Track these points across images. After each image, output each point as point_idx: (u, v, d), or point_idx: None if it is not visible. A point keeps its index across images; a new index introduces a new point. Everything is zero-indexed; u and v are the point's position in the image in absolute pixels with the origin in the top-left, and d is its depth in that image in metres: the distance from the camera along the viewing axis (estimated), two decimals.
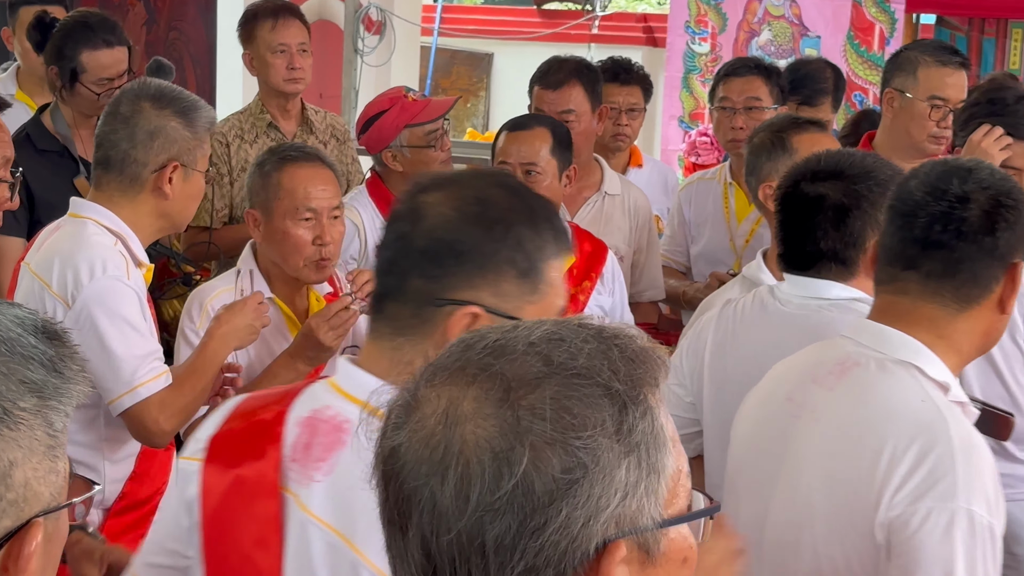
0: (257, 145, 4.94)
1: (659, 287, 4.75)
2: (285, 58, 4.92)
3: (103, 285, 3.11)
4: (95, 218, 3.21)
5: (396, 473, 1.25)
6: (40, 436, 1.28)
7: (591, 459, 1.20)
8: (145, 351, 3.16)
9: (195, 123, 3.24)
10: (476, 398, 1.22)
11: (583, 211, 4.64)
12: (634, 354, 1.26)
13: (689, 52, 8.00)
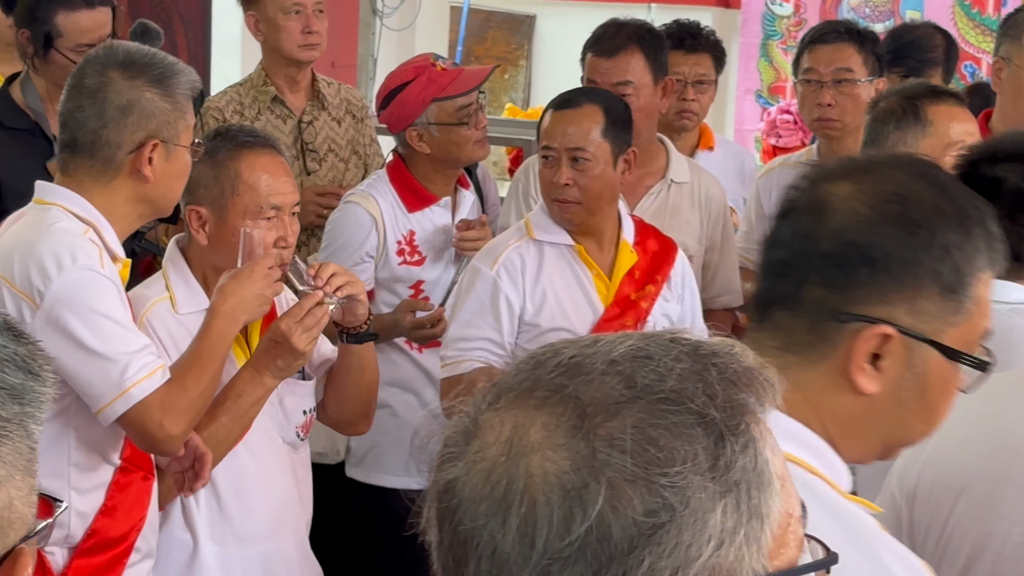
0: (259, 122, 4.94)
1: (735, 291, 4.72)
2: (300, 20, 4.92)
3: (74, 277, 3.09)
4: (62, 204, 3.20)
5: (452, 512, 1.23)
6: (22, 448, 1.28)
7: (679, 500, 1.18)
8: (133, 346, 3.14)
9: (174, 91, 3.23)
10: (545, 425, 1.20)
11: (645, 202, 4.62)
12: (736, 376, 1.24)
13: (768, 15, 7.98)
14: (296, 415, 3.59)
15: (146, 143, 3.20)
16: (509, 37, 10.82)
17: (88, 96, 3.21)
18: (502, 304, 3.95)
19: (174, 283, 3.51)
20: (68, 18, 4.45)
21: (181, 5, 6.78)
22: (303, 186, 4.93)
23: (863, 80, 4.73)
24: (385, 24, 7.85)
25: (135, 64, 3.22)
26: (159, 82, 3.22)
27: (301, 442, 3.62)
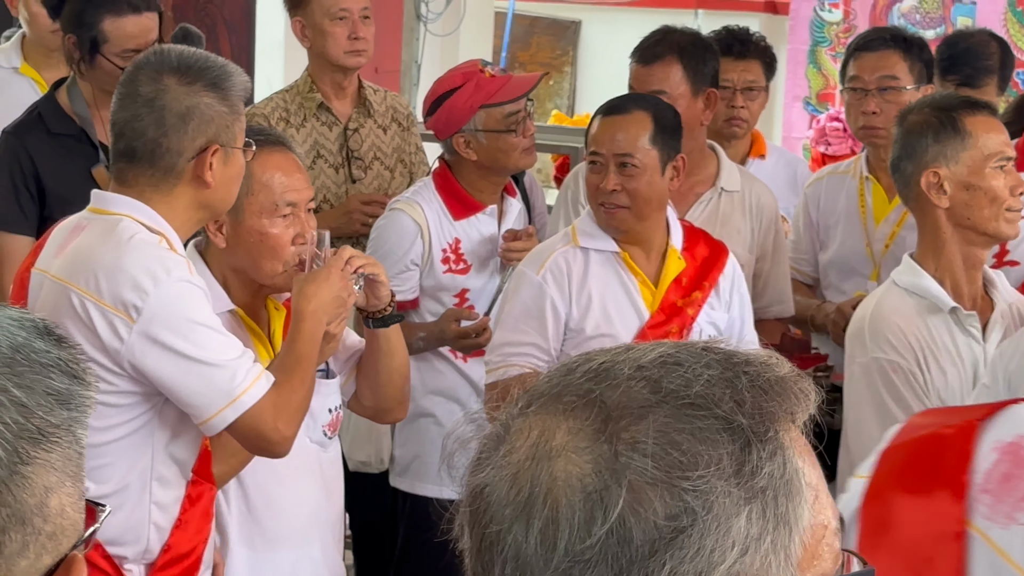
0: (305, 129, 4.94)
1: (787, 301, 4.69)
2: (346, 26, 4.92)
3: (171, 290, 3.10)
4: (130, 214, 3.18)
5: (480, 516, 1.24)
6: (71, 455, 1.28)
7: (701, 504, 1.18)
8: (234, 352, 3.16)
9: (229, 93, 3.22)
10: (571, 430, 1.21)
11: (695, 210, 4.59)
12: (768, 384, 1.24)
13: (817, 20, 7.93)
14: (322, 414, 3.58)
15: (207, 149, 3.18)
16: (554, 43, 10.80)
17: (145, 104, 3.19)
18: (548, 309, 3.93)
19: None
20: (115, 24, 4.45)
21: (225, 10, 6.78)
22: (348, 194, 4.92)
23: (909, 87, 4.70)
24: (429, 30, 7.82)
25: (190, 69, 3.21)
26: (215, 86, 3.20)
27: (329, 440, 3.61)
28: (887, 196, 4.74)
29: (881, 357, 3.58)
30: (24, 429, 1.25)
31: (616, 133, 3.92)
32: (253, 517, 3.53)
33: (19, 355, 1.28)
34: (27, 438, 1.25)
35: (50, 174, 4.39)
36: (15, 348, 1.28)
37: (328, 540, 3.64)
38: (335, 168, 4.97)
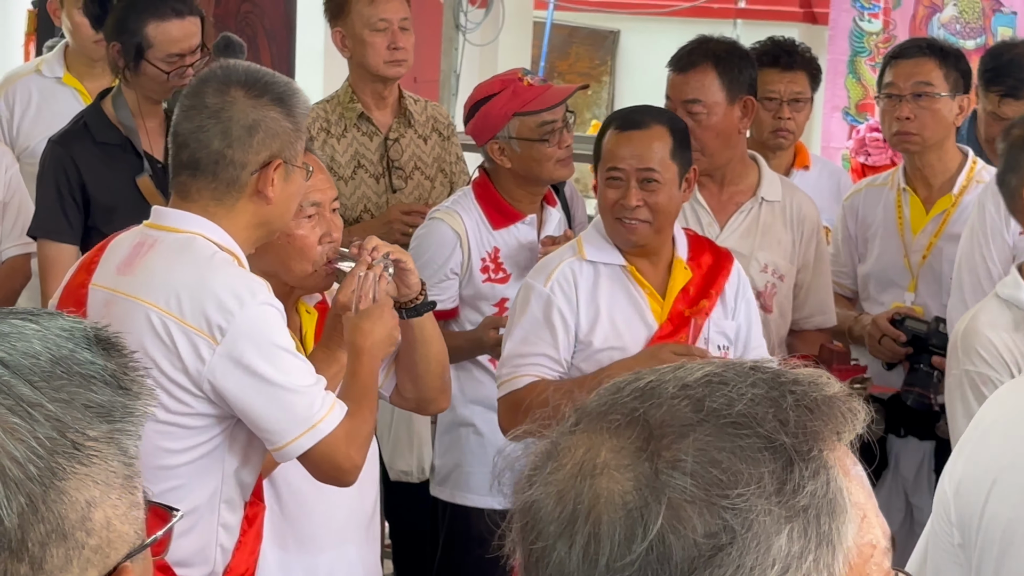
0: (345, 139, 4.96)
1: (829, 312, 4.69)
2: (386, 36, 4.94)
3: (256, 313, 3.10)
4: (202, 232, 3.18)
5: (528, 532, 1.25)
6: (116, 467, 1.28)
7: (740, 522, 1.18)
8: (311, 379, 3.17)
9: (294, 110, 3.22)
10: (615, 448, 1.23)
11: (735, 220, 4.59)
12: (814, 403, 1.24)
13: (856, 31, 7.92)
14: None
15: (271, 163, 3.17)
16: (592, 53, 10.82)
17: (212, 115, 3.17)
18: (557, 320, 3.93)
19: None
20: (158, 28, 4.47)
21: (266, 20, 6.82)
22: (388, 204, 4.94)
23: (943, 94, 4.69)
24: (468, 39, 7.84)
25: (258, 83, 3.20)
26: (282, 101, 3.20)
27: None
28: (924, 207, 4.75)
29: (971, 370, 3.57)
30: (59, 444, 1.25)
31: (636, 149, 3.88)
32: (286, 518, 3.52)
33: (59, 368, 1.28)
34: (63, 453, 1.25)
35: (95, 183, 4.41)
36: (56, 361, 1.28)
37: (363, 541, 3.64)
38: (376, 178, 4.99)
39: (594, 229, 4.04)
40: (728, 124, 4.48)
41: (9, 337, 1.30)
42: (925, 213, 4.71)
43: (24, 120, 5.31)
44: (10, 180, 5.05)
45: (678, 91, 4.50)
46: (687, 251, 4.02)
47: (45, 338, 1.30)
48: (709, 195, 4.59)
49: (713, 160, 4.51)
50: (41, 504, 1.23)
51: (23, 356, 1.28)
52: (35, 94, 5.31)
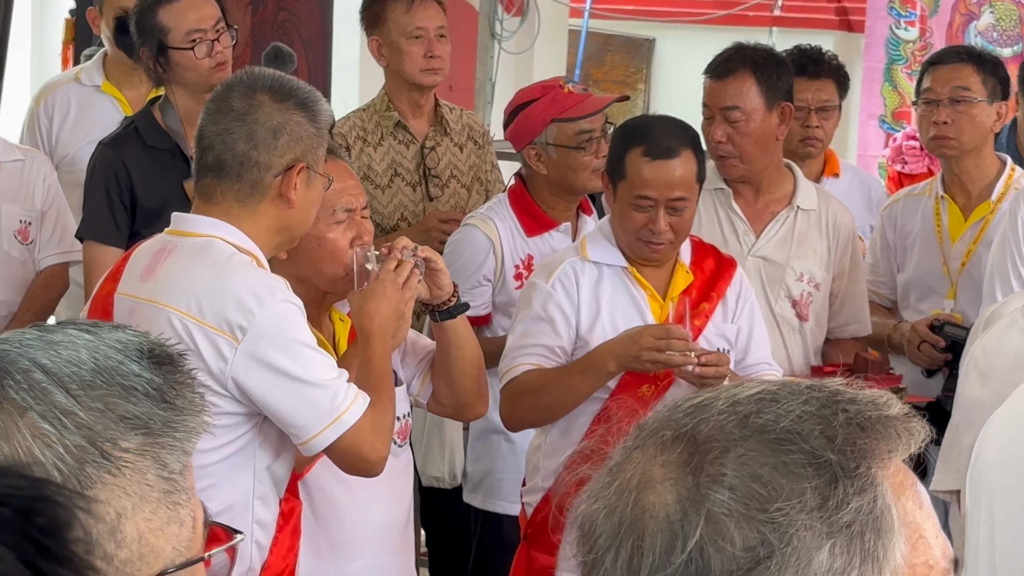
0: (382, 148, 4.98)
1: (864, 321, 4.69)
2: (422, 45, 4.95)
3: (276, 311, 3.12)
4: (220, 235, 3.19)
5: (583, 543, 1.28)
6: (152, 480, 1.28)
7: (779, 536, 1.19)
8: (333, 372, 3.19)
9: (318, 117, 3.25)
10: (665, 462, 1.25)
11: (771, 228, 4.59)
12: (867, 422, 1.24)
13: (893, 39, 7.91)
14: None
15: (294, 166, 3.20)
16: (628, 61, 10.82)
17: (237, 118, 3.19)
18: (556, 313, 3.95)
19: None
20: (167, 12, 4.52)
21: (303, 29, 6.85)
22: (425, 212, 4.96)
23: (981, 100, 4.70)
24: (503, 48, 7.87)
25: (283, 87, 3.23)
26: (306, 107, 3.23)
27: (400, 448, 3.61)
28: (963, 215, 4.75)
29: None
30: (88, 453, 1.26)
31: (670, 178, 3.86)
32: (319, 524, 3.53)
33: (100, 377, 1.29)
34: (91, 462, 1.26)
35: (144, 187, 4.43)
36: (98, 370, 1.29)
37: (398, 549, 3.64)
38: (412, 186, 5.00)
39: (598, 231, 4.06)
40: (766, 130, 4.49)
41: (59, 345, 1.31)
42: (963, 220, 4.71)
43: (63, 128, 5.35)
44: (48, 189, 5.08)
45: (716, 98, 4.50)
46: (690, 256, 4.04)
47: (95, 348, 1.31)
48: (745, 204, 4.60)
49: (751, 167, 4.52)
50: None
51: (66, 364, 1.29)
52: (74, 102, 5.35)
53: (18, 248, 5.06)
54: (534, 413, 3.94)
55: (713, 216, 4.60)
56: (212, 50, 4.51)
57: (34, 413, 1.27)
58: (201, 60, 4.51)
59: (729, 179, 4.57)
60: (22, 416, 1.27)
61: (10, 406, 1.28)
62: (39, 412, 1.27)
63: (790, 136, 4.99)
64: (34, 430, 1.26)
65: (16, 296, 5.04)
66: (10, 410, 1.27)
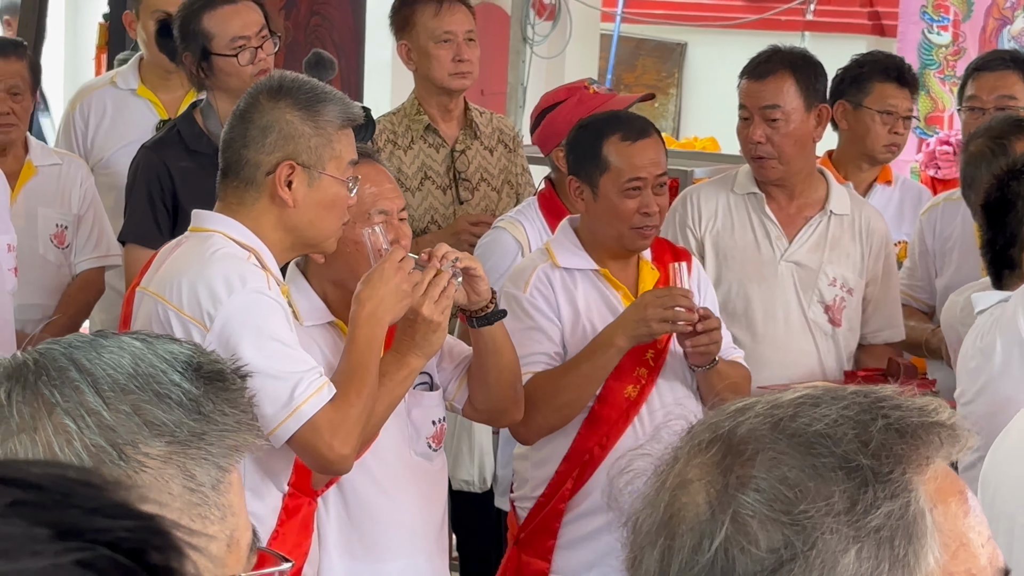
0: (412, 151, 4.99)
1: (897, 326, 4.68)
2: (450, 48, 4.96)
3: (244, 299, 3.13)
4: (222, 230, 3.24)
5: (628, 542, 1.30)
6: (175, 489, 1.30)
7: (803, 539, 1.20)
8: (302, 367, 3.16)
9: (319, 117, 3.23)
10: (701, 464, 1.27)
11: (803, 233, 4.59)
12: (907, 428, 1.24)
13: (925, 43, 7.90)
14: (425, 426, 3.60)
15: (282, 164, 3.21)
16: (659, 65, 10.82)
17: (238, 119, 3.27)
18: (543, 320, 3.96)
19: (296, 299, 3.52)
20: (212, 18, 4.54)
21: (335, 33, 6.87)
22: (456, 215, 4.97)
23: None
24: (535, 52, 7.87)
25: (282, 88, 3.26)
26: (304, 106, 3.23)
27: (434, 452, 3.62)
28: None
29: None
30: (105, 453, 1.28)
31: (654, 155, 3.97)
32: (353, 525, 3.54)
33: (135, 382, 1.31)
34: (108, 462, 1.28)
35: (186, 191, 4.43)
36: (135, 375, 1.31)
37: (433, 551, 3.64)
38: (443, 189, 5.01)
39: (562, 235, 4.09)
40: (804, 132, 4.50)
41: (105, 349, 1.33)
42: None
43: (99, 132, 5.37)
44: (85, 193, 5.11)
45: (755, 98, 4.51)
46: (651, 252, 4.06)
47: (141, 356, 1.33)
48: (777, 208, 4.60)
49: (789, 168, 4.53)
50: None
51: (105, 366, 1.31)
52: (110, 106, 5.37)
53: (54, 252, 5.10)
54: (552, 416, 3.91)
55: (746, 220, 4.60)
56: (255, 57, 4.53)
57: (60, 410, 1.29)
58: (244, 67, 4.53)
59: (765, 181, 4.57)
60: (50, 412, 1.30)
61: (40, 401, 1.30)
62: (65, 409, 1.29)
63: (876, 140, 5.02)
64: (58, 426, 1.29)
65: (52, 300, 5.07)
66: (39, 405, 1.30)
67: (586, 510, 3.97)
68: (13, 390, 1.31)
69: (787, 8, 10.08)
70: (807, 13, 10.16)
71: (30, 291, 4.95)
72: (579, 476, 3.98)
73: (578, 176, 4.02)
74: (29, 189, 4.95)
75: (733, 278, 4.51)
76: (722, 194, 4.66)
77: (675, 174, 5.62)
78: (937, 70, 7.93)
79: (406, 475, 3.56)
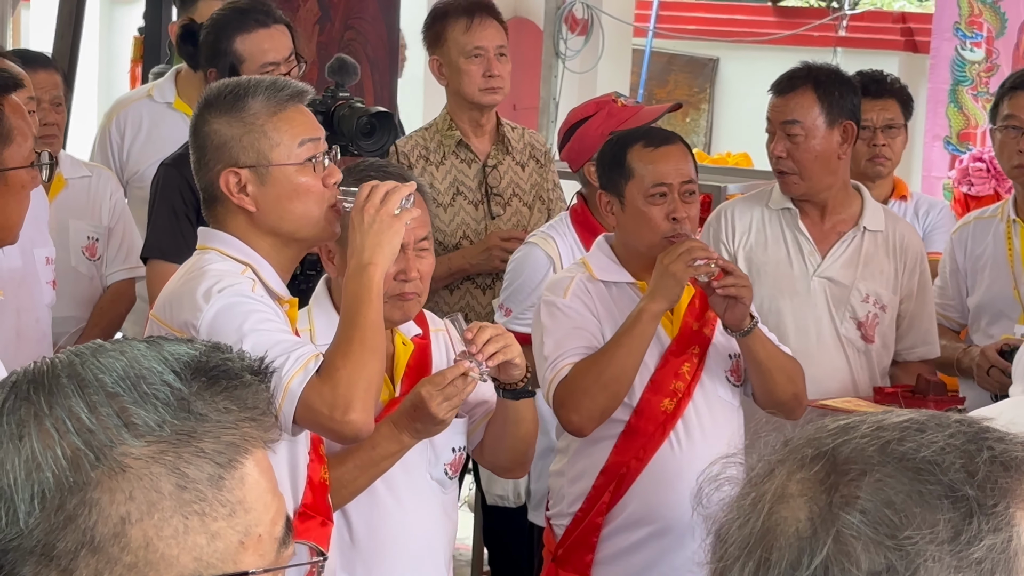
0: (444, 167, 5.00)
1: (932, 343, 4.68)
2: (481, 64, 4.97)
3: (222, 304, 3.04)
4: (218, 247, 3.18)
5: (715, 551, 1.31)
6: (165, 488, 1.29)
7: (905, 564, 1.21)
8: (286, 347, 3.01)
9: (243, 112, 3.12)
10: (802, 479, 1.27)
11: (837, 249, 4.59)
12: (1012, 461, 1.25)
13: (958, 60, 7.87)
14: (445, 452, 3.56)
15: (223, 173, 3.13)
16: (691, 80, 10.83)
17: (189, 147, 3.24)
18: (587, 322, 3.97)
19: (315, 316, 3.50)
20: (246, 41, 4.50)
21: (369, 48, 6.88)
22: (487, 230, 4.98)
23: None
24: (567, 67, 7.90)
25: (209, 99, 3.17)
26: (226, 110, 3.13)
27: (450, 480, 3.58)
28: None
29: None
30: (83, 455, 1.28)
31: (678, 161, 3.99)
32: (355, 547, 3.48)
33: (121, 385, 1.31)
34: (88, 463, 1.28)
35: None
36: (123, 378, 1.32)
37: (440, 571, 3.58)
38: (474, 205, 5.02)
39: (598, 251, 4.09)
40: (827, 148, 4.49)
41: (106, 353, 1.35)
42: None
43: (135, 145, 5.38)
44: (115, 205, 5.12)
45: (778, 113, 4.53)
46: None
47: (138, 359, 1.34)
48: (811, 224, 4.60)
49: (812, 184, 4.53)
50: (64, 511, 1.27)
51: (96, 370, 1.33)
52: (146, 119, 5.38)
53: (86, 264, 5.11)
54: (601, 395, 3.86)
55: (779, 236, 4.61)
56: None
57: (48, 418, 1.30)
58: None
59: (791, 196, 4.58)
60: (38, 421, 1.31)
61: (30, 410, 1.32)
62: (52, 416, 1.30)
63: (858, 156, 5.00)
64: (42, 433, 1.30)
65: (84, 312, 5.09)
66: (28, 414, 1.31)
67: (624, 524, 3.97)
68: (7, 400, 1.33)
69: (819, 24, 10.08)
70: (839, 29, 10.16)
71: (63, 303, 4.97)
72: (616, 489, 3.97)
73: (607, 190, 4.04)
74: (60, 201, 4.96)
75: (765, 293, 4.50)
76: (756, 209, 4.66)
77: (708, 190, 5.63)
78: (970, 87, 7.91)
79: (419, 497, 3.51)
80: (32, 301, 4.47)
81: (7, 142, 3.07)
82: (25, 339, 4.36)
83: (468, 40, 4.97)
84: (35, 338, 4.43)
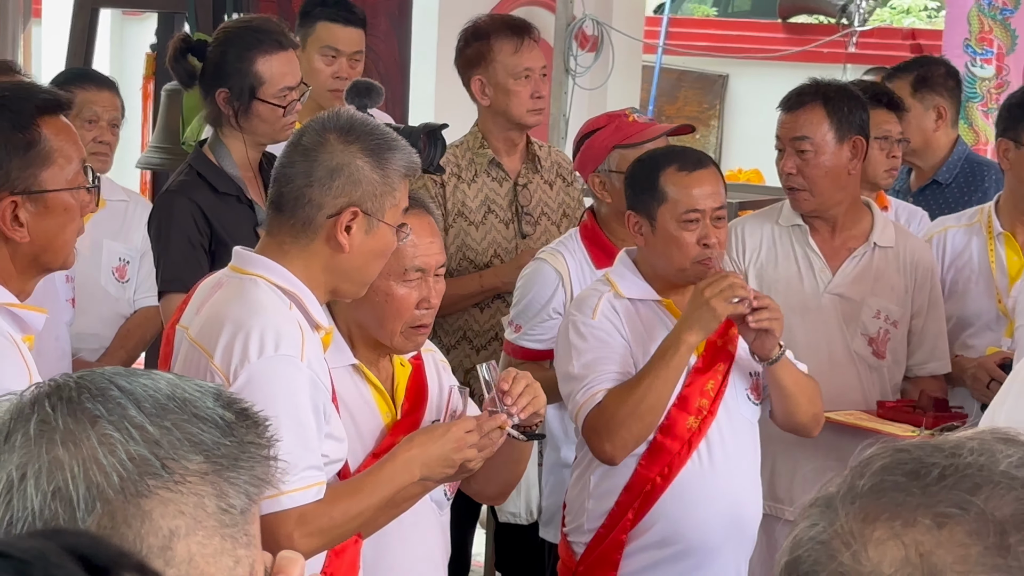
0: (476, 185, 5.02)
1: (943, 358, 4.69)
2: (529, 85, 5.00)
3: (271, 365, 3.05)
4: (264, 275, 3.17)
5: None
6: (210, 507, 1.33)
7: None
8: (305, 453, 3.05)
9: (387, 165, 3.18)
10: (960, 544, 1.22)
11: (847, 266, 4.61)
12: None
13: (969, 76, 7.89)
14: None
15: (345, 209, 3.15)
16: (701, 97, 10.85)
17: (302, 153, 3.19)
18: (615, 343, 3.99)
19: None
20: (267, 63, 4.36)
21: (380, 64, 6.90)
22: (518, 249, 4.99)
23: None
24: (577, 83, 7.90)
25: (354, 130, 3.19)
26: (374, 153, 3.17)
27: (447, 502, 3.58)
28: (1022, 251, 4.75)
29: None
30: (149, 464, 1.30)
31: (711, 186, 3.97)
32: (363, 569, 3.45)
33: (173, 402, 1.34)
34: (151, 473, 1.30)
35: (224, 232, 4.29)
36: (172, 397, 1.35)
37: None
38: (505, 223, 5.04)
39: (622, 266, 4.09)
40: (837, 163, 4.51)
41: (141, 376, 1.40)
42: (1022, 257, 4.74)
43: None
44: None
45: (787, 129, 4.55)
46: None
47: (175, 384, 1.38)
48: (821, 240, 4.62)
49: (822, 200, 4.55)
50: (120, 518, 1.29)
51: (143, 388, 1.37)
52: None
53: (115, 285, 5.14)
54: (636, 425, 3.88)
55: (790, 252, 4.62)
56: (295, 109, 4.43)
57: (105, 422, 1.33)
58: (284, 117, 4.39)
59: (801, 213, 4.59)
60: (93, 424, 1.33)
61: (84, 415, 1.33)
62: (110, 421, 1.33)
63: (876, 167, 5.04)
64: (101, 436, 1.32)
65: (109, 331, 5.12)
66: (83, 419, 1.33)
67: (648, 542, 3.98)
68: (57, 406, 1.34)
69: (829, 40, 10.09)
70: (849, 46, 10.18)
71: (89, 320, 4.99)
72: (640, 507, 3.98)
73: (636, 210, 4.05)
74: (96, 220, 4.90)
75: None
76: (767, 226, 4.68)
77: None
78: (980, 103, 7.92)
79: (417, 517, 3.46)
80: (51, 320, 4.46)
81: (47, 164, 3.04)
82: (45, 357, 4.35)
83: (518, 62, 4.98)
84: (55, 356, 4.40)
